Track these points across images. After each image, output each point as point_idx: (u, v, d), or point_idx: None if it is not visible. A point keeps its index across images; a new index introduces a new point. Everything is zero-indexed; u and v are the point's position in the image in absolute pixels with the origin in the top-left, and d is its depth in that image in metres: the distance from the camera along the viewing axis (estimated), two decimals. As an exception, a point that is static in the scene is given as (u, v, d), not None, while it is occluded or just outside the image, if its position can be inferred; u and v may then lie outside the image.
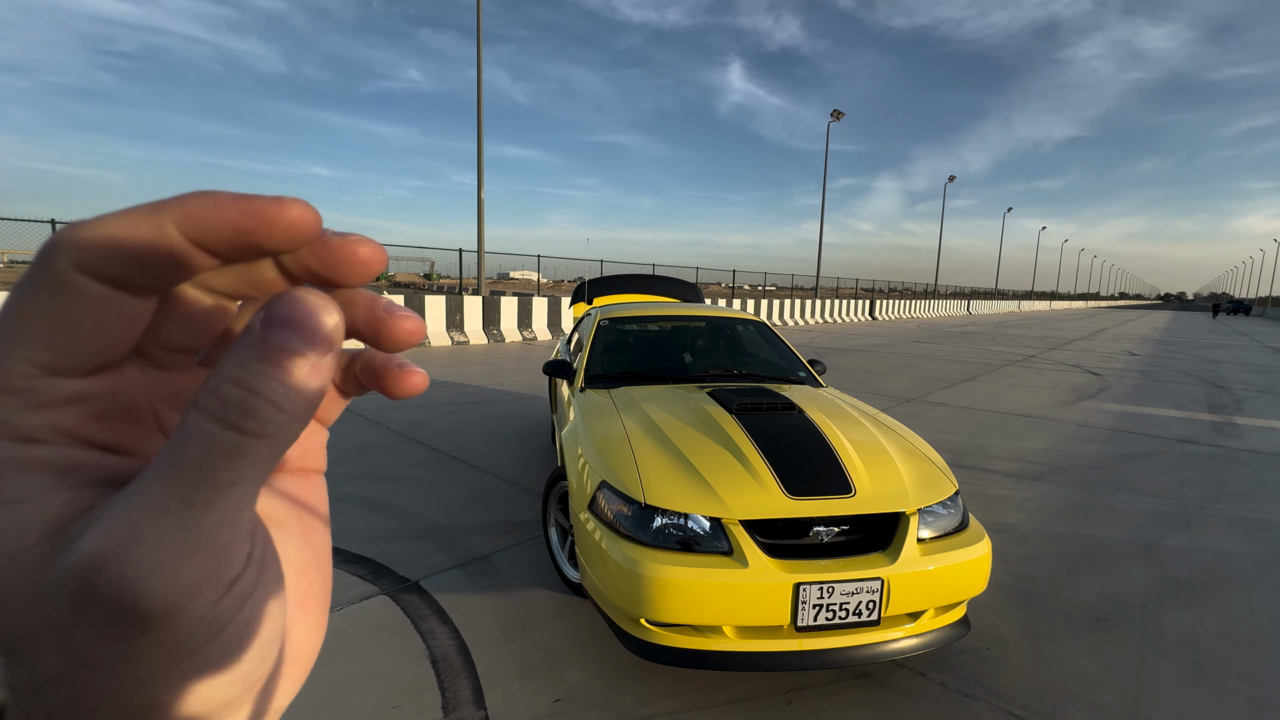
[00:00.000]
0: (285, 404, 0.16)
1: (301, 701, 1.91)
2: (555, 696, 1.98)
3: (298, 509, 0.22)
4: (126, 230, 0.15)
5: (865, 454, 2.23)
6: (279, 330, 0.16)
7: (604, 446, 2.31)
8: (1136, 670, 2.23)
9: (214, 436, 0.15)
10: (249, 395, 0.15)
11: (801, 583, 1.82)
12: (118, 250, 0.15)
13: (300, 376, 0.16)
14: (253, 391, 0.15)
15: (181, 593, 0.15)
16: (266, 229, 0.16)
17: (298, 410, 0.16)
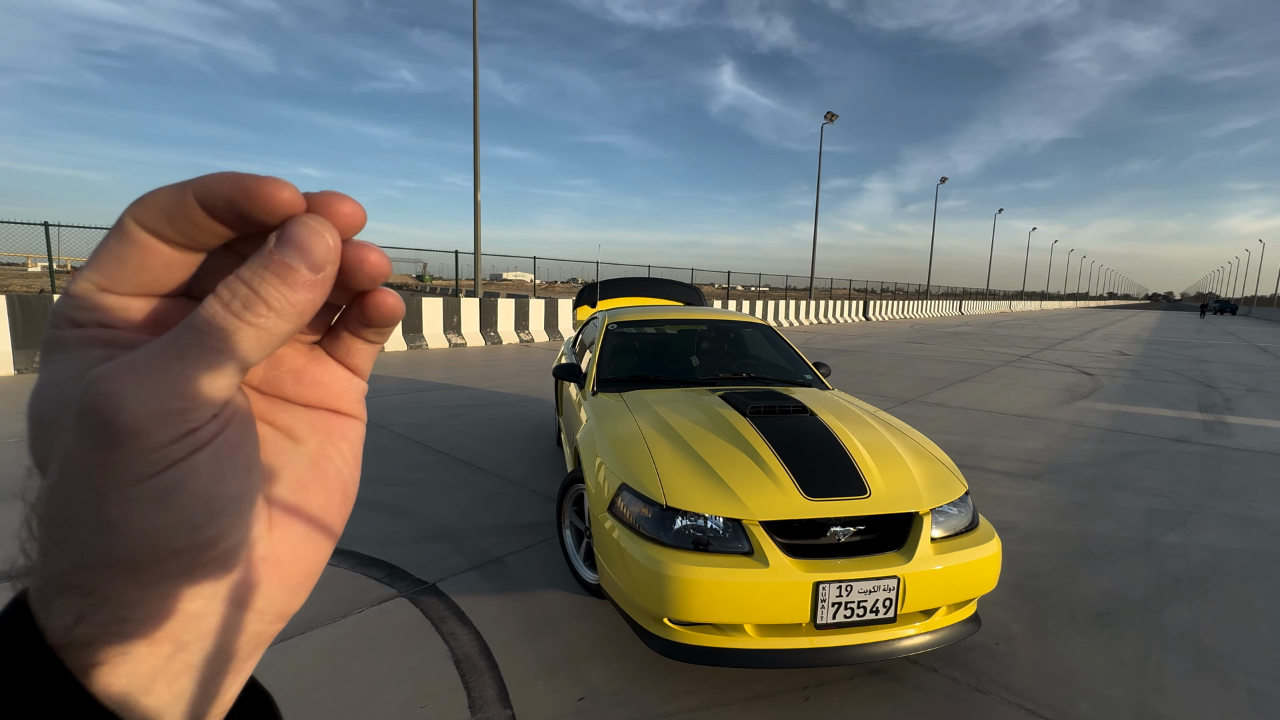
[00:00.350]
0: (276, 304, 0.20)
1: (330, 701, 1.95)
2: (579, 695, 2.02)
3: (318, 434, 0.26)
4: (164, 195, 0.20)
5: (877, 455, 2.29)
6: (283, 247, 0.20)
7: (622, 450, 2.36)
8: (1140, 664, 2.30)
9: (216, 314, 0.19)
10: (251, 293, 0.20)
11: (821, 581, 1.87)
12: (156, 209, 0.20)
13: (292, 286, 0.20)
14: (254, 290, 0.20)
15: (147, 419, 0.18)
16: (248, 200, 0.20)
17: (286, 312, 0.20)
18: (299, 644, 2.23)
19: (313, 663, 2.14)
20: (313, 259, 0.20)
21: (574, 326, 15.63)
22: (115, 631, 0.19)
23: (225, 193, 0.20)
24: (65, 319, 0.21)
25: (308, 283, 0.20)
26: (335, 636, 2.29)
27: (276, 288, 0.20)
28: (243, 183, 0.20)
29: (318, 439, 0.26)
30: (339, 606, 2.49)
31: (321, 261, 0.21)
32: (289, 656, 2.15)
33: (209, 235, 0.21)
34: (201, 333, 0.19)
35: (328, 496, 0.25)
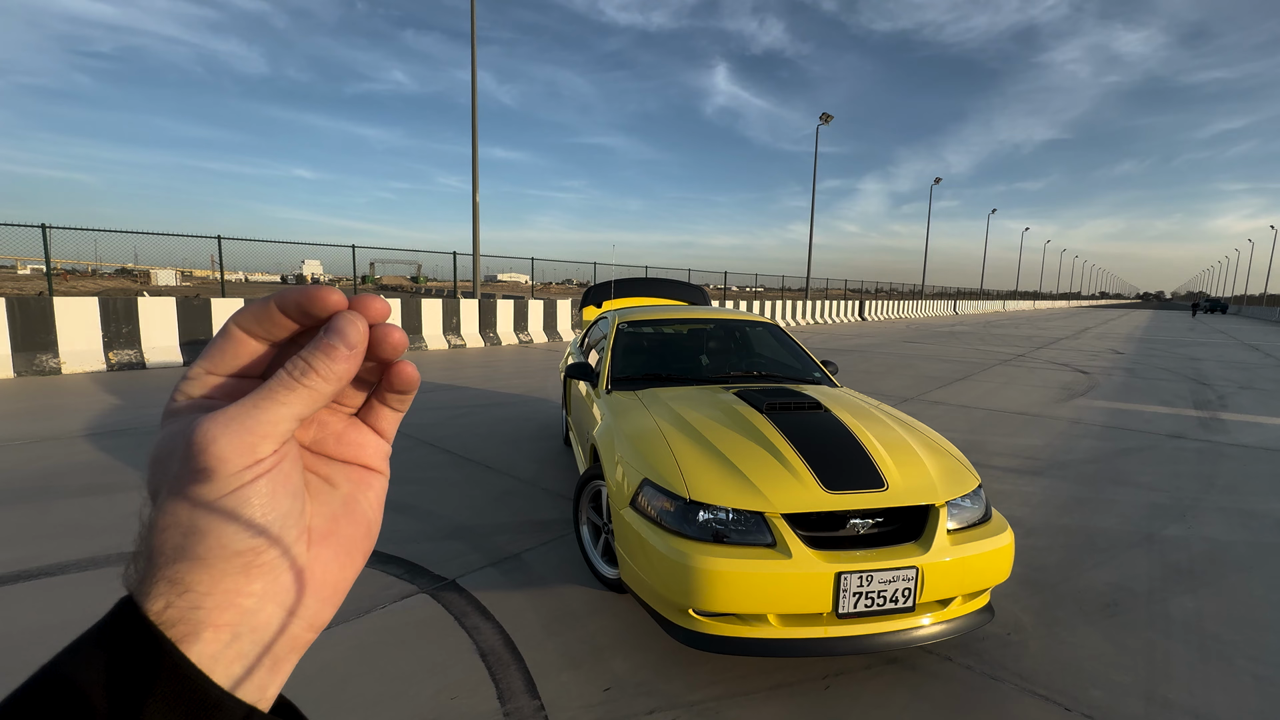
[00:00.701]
0: (323, 372, 0.27)
1: (363, 693, 1.98)
2: (605, 685, 2.07)
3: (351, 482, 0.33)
4: (257, 305, 0.29)
5: (892, 450, 2.35)
6: (330, 334, 0.28)
7: (642, 446, 2.41)
8: (1148, 652, 2.36)
9: (283, 379, 0.27)
10: (306, 365, 0.27)
11: (842, 572, 1.92)
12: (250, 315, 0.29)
13: (334, 359, 0.28)
14: (309, 364, 0.27)
15: (231, 449, 0.25)
16: (310, 304, 0.29)
17: (329, 376, 0.28)
18: (327, 638, 2.26)
19: (342, 657, 2.17)
20: (349, 339, 0.28)
21: (575, 327, 15.57)
22: (191, 615, 0.25)
23: (296, 299, 0.29)
24: (182, 392, 0.29)
25: (345, 356, 0.28)
26: (361, 631, 2.33)
27: (324, 360, 0.27)
28: (309, 294, 0.29)
29: (350, 486, 0.33)
30: (362, 603, 2.52)
31: (355, 341, 0.28)
32: (319, 652, 2.18)
33: (281, 330, 0.29)
34: (272, 391, 0.27)
35: (354, 530, 0.32)
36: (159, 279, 48.52)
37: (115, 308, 8.39)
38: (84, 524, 3.24)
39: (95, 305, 8.22)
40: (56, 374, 7.71)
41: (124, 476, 4.00)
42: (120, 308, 8.43)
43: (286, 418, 0.27)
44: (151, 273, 49.01)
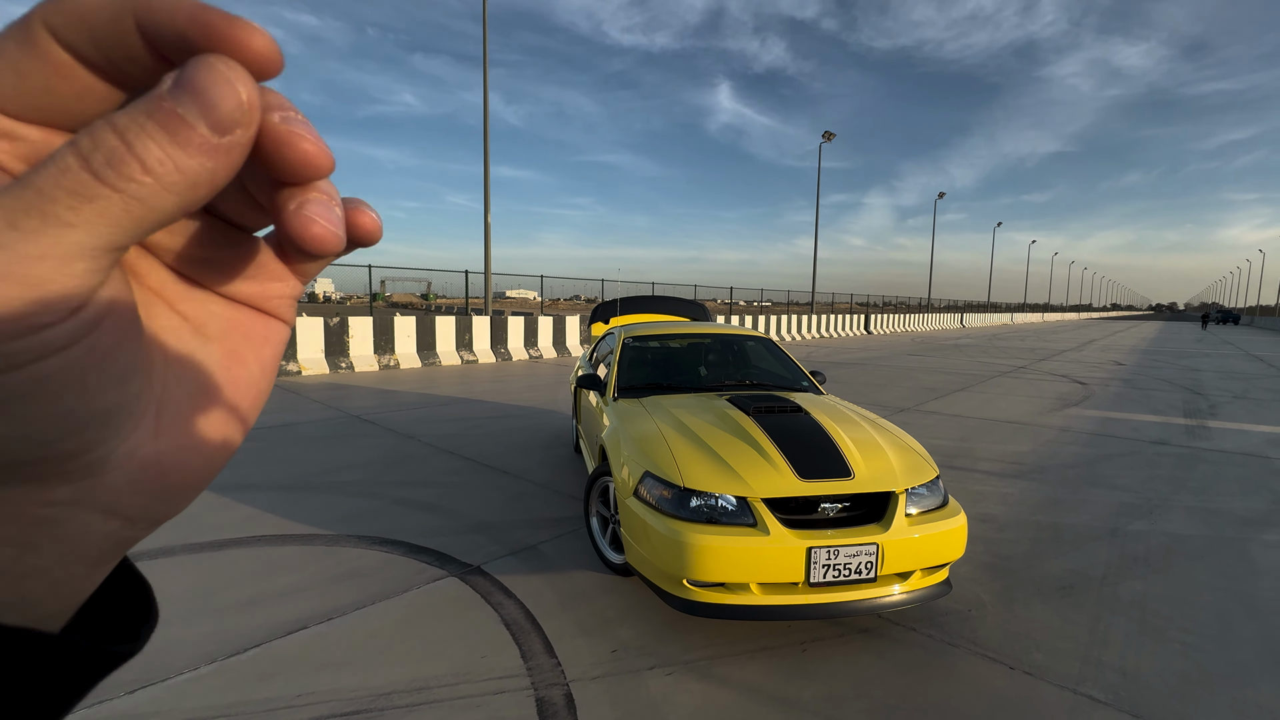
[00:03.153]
0: (157, 169, 0.15)
1: (407, 653, 2.34)
2: (612, 648, 2.41)
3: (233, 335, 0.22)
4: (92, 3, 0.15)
5: (861, 446, 2.70)
6: (180, 90, 0.15)
7: (644, 444, 2.77)
8: (1092, 625, 2.67)
9: (68, 170, 0.15)
10: (122, 146, 0.15)
11: (813, 546, 2.27)
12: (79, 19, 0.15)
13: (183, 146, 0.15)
14: (127, 143, 0.15)
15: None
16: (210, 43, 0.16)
17: (170, 180, 0.15)
18: (372, 611, 2.62)
19: (386, 626, 2.53)
20: (216, 111, 0.15)
21: (584, 342, 15.94)
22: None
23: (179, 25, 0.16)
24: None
25: (205, 145, 0.15)
26: (400, 607, 2.69)
27: (161, 144, 0.15)
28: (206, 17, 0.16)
29: (234, 339, 0.22)
30: (399, 584, 2.88)
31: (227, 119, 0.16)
32: (367, 621, 2.55)
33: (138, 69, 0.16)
34: (44, 195, 0.14)
35: (233, 404, 0.22)
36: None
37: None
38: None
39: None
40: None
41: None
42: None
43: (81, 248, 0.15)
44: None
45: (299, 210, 0.19)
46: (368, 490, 4.27)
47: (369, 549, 3.28)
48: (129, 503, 0.20)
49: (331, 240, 0.19)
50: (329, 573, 2.98)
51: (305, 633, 2.46)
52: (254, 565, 3.04)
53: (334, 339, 10.70)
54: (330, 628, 2.49)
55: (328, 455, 5.18)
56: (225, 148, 0.16)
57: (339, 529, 3.54)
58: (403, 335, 11.67)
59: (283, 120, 0.18)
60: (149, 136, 0.15)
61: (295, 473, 4.63)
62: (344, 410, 7.15)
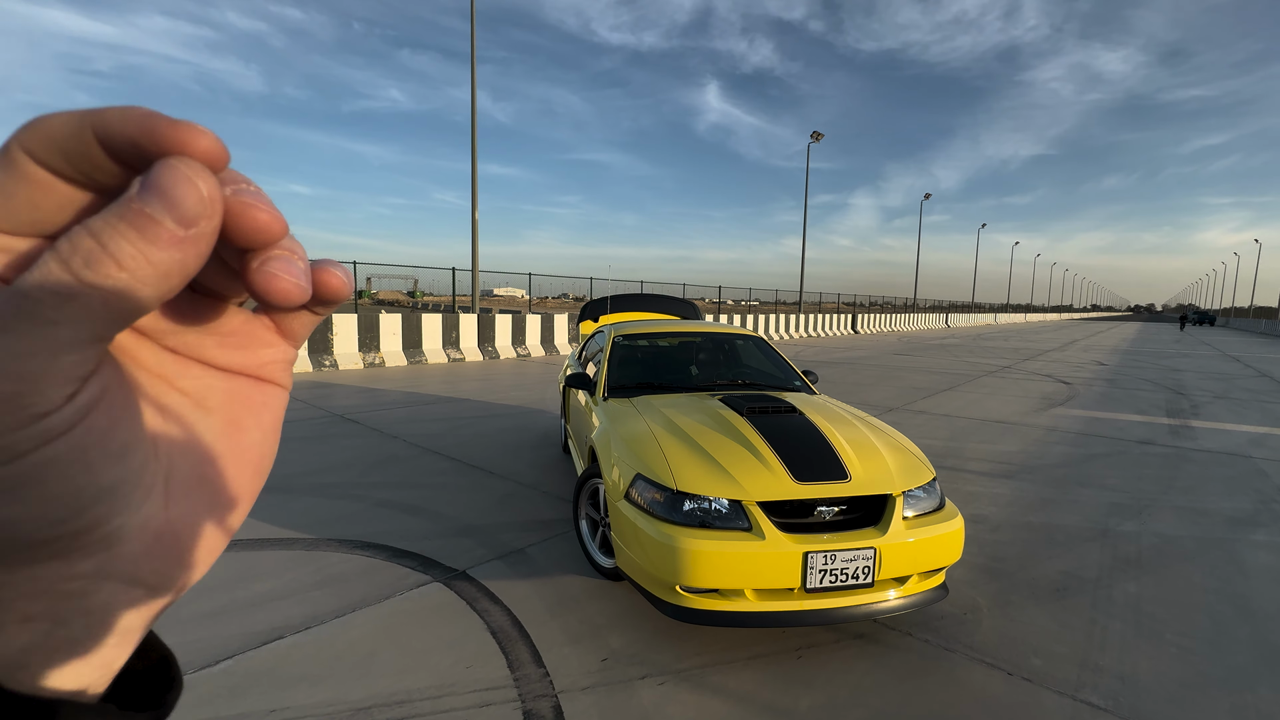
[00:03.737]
0: (130, 264, 0.16)
1: (388, 664, 2.24)
2: (602, 657, 2.33)
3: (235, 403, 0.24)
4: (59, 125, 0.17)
5: (857, 448, 2.64)
6: (146, 193, 0.17)
7: (635, 445, 2.69)
8: (1088, 628, 2.64)
9: (50, 274, 0.16)
10: (97, 247, 0.16)
11: (809, 551, 2.20)
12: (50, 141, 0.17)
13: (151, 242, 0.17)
14: (102, 244, 0.16)
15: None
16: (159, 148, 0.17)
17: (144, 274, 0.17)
18: (352, 620, 2.52)
19: (367, 635, 2.43)
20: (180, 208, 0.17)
21: (571, 341, 15.82)
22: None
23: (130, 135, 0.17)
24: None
25: (171, 238, 0.17)
26: (382, 614, 2.59)
27: (134, 243, 0.17)
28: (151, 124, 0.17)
29: (234, 408, 0.24)
30: (381, 590, 2.78)
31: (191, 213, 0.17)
32: (346, 631, 2.45)
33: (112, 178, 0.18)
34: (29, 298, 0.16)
35: (238, 470, 0.24)
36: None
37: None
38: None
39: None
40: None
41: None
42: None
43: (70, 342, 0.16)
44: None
45: (262, 267, 0.20)
46: (350, 492, 4.15)
47: (351, 553, 3.17)
48: (149, 571, 0.21)
49: (295, 292, 0.21)
50: (308, 579, 2.87)
51: (281, 643, 2.35)
52: (229, 571, 2.92)
53: (317, 336, 10.50)
54: (307, 637, 2.39)
55: (309, 456, 5.05)
56: (192, 238, 0.18)
57: (319, 533, 3.43)
58: (388, 333, 11.48)
59: (236, 194, 0.19)
60: (121, 236, 0.17)
61: (275, 474, 4.49)
62: (327, 409, 6.99)
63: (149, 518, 0.21)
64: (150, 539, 0.21)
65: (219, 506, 0.23)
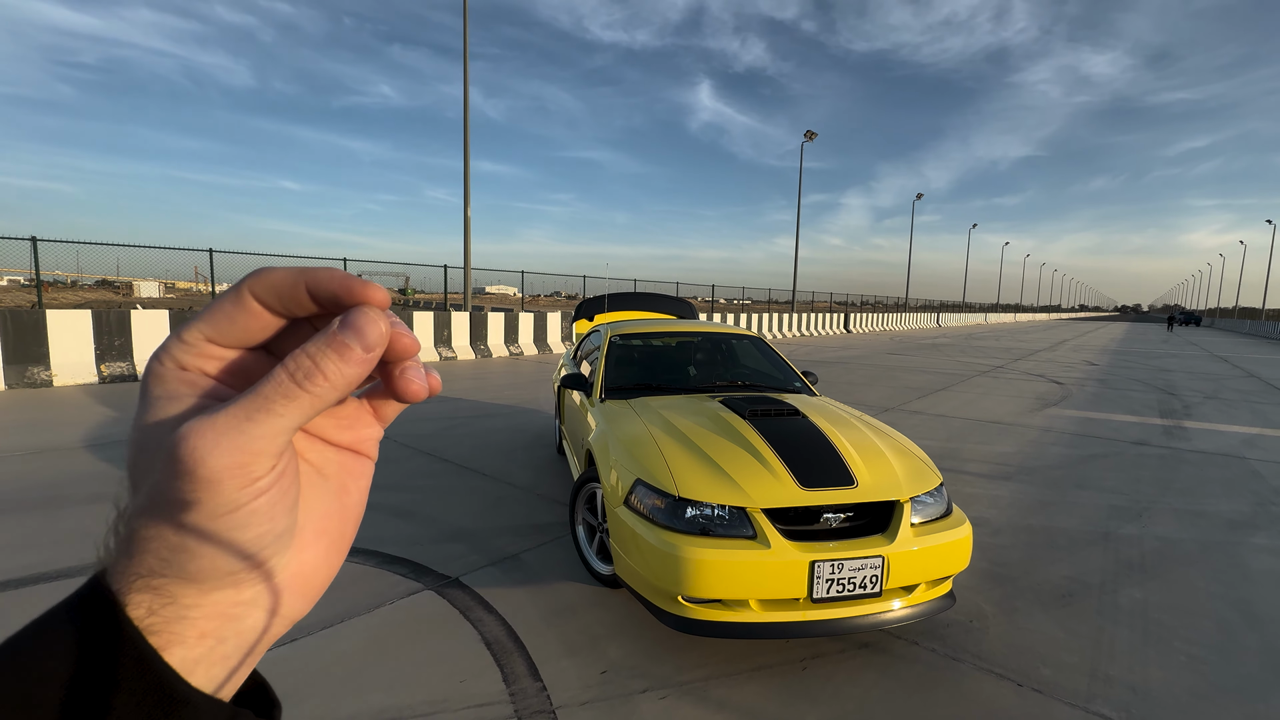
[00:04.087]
0: (331, 376, 0.24)
1: (378, 679, 2.15)
2: (601, 669, 2.25)
3: (342, 473, 0.30)
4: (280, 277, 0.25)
5: (862, 452, 2.57)
6: (345, 329, 0.25)
7: (635, 449, 2.61)
8: (1095, 636, 2.59)
9: (282, 383, 0.24)
10: (312, 365, 0.24)
11: (816, 560, 2.13)
12: (271, 287, 0.25)
13: (347, 361, 0.24)
14: (316, 363, 0.24)
15: (224, 471, 0.23)
16: (350, 298, 0.26)
17: (337, 382, 0.24)
18: (339, 632, 2.42)
19: (356, 648, 2.33)
20: (367, 340, 0.25)
21: (565, 339, 15.65)
22: (176, 625, 0.24)
23: (332, 288, 0.25)
24: (172, 358, 0.25)
25: (359, 360, 0.25)
26: (372, 625, 2.49)
27: (335, 362, 0.24)
28: (349, 284, 0.25)
29: (342, 476, 0.30)
30: (371, 599, 2.68)
31: (373, 343, 0.25)
32: (333, 643, 2.35)
33: (301, 310, 0.26)
34: (268, 399, 0.23)
35: (343, 524, 0.30)
36: (141, 291, 47.98)
37: (108, 320, 8.46)
38: (95, 531, 3.36)
39: (88, 318, 8.28)
40: (48, 386, 7.76)
41: (129, 485, 4.12)
42: (113, 320, 8.50)
43: (284, 430, 0.24)
44: (134, 284, 48.49)
45: (402, 375, 0.28)
46: (338, 495, 4.04)
47: (338, 560, 3.07)
48: (283, 603, 0.27)
49: (423, 392, 0.29)
50: (294, 587, 2.77)
51: (264, 656, 2.25)
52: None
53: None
54: (291, 651, 2.29)
55: (296, 457, 4.92)
56: (370, 359, 0.25)
57: (306, 538, 3.32)
58: (378, 331, 11.31)
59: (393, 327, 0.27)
60: (327, 358, 0.24)
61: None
62: (315, 409, 6.86)
63: (290, 560, 0.27)
64: (289, 577, 0.27)
65: (331, 554, 0.30)
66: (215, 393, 0.26)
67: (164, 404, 0.25)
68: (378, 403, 0.31)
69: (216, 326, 0.26)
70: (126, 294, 43.17)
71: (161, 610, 0.24)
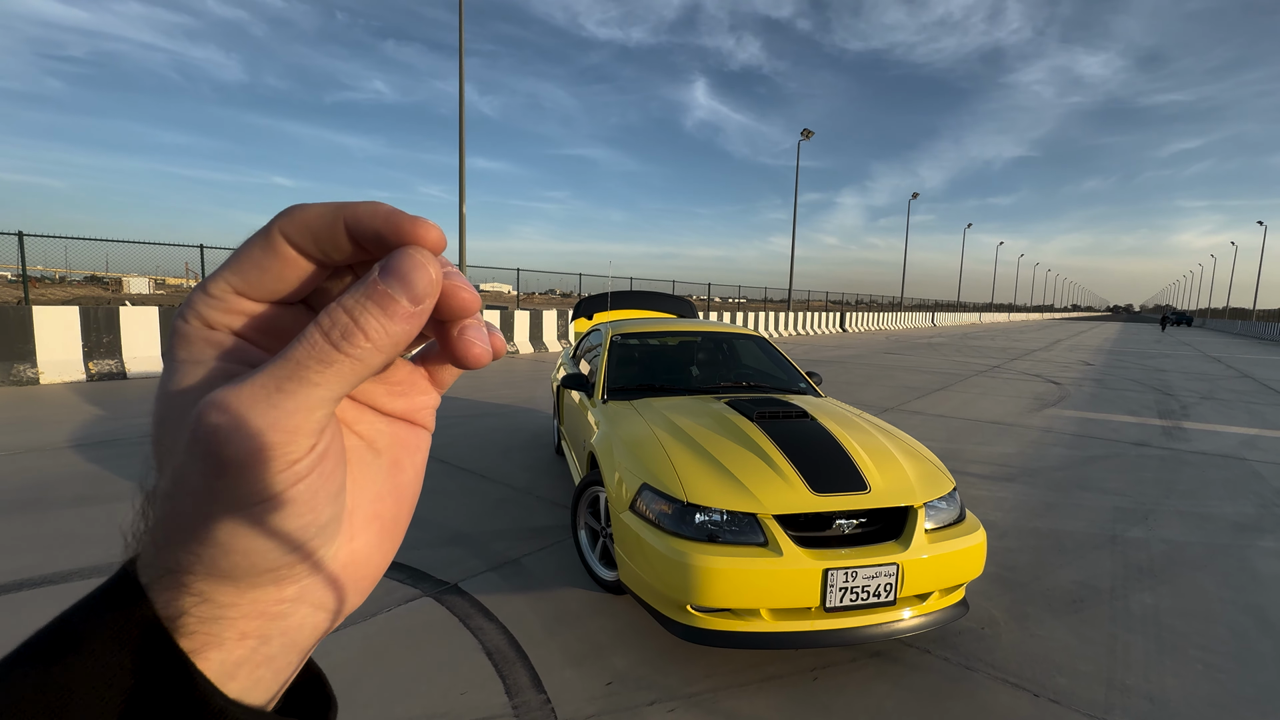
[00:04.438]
0: (374, 336, 0.20)
1: (376, 691, 2.07)
2: (607, 680, 2.18)
3: (395, 446, 0.26)
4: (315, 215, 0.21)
5: (874, 455, 2.51)
6: (388, 276, 0.20)
7: (640, 453, 2.54)
8: (1109, 643, 2.54)
9: (316, 344, 0.20)
10: (350, 322, 0.20)
11: (830, 568, 2.07)
12: (305, 227, 0.21)
13: (391, 317, 0.20)
14: (355, 320, 0.20)
15: (252, 454, 0.19)
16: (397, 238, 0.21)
17: (382, 343, 0.20)
18: (336, 639, 2.34)
19: (354, 657, 2.26)
20: (414, 289, 0.20)
21: (560, 338, 15.54)
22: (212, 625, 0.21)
23: (376, 227, 0.21)
24: (198, 315, 0.22)
25: (405, 314, 0.20)
26: (370, 633, 2.41)
27: (377, 318, 0.20)
28: (395, 220, 0.21)
29: (396, 450, 0.27)
30: (368, 606, 2.60)
31: (422, 293, 0.21)
32: (330, 652, 2.27)
33: (343, 256, 0.22)
34: (301, 365, 0.19)
35: (398, 506, 0.27)
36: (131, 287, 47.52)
37: (96, 317, 8.31)
38: (82, 533, 3.27)
39: (76, 314, 8.13)
40: (34, 384, 7.61)
41: (116, 487, 4.01)
42: (101, 317, 8.35)
43: (322, 401, 0.20)
44: (123, 280, 47.99)
45: (461, 336, 0.24)
46: (333, 497, 3.95)
47: (333, 565, 2.98)
48: (332, 597, 0.24)
49: (485, 356, 0.24)
50: (288, 594, 2.68)
51: (258, 668, 2.17)
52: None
53: (299, 332, 10.21)
54: (287, 661, 2.21)
55: (290, 458, 4.82)
56: (420, 313, 0.21)
57: (300, 542, 3.23)
58: (373, 329, 11.19)
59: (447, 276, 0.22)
60: (368, 312, 0.20)
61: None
62: (309, 408, 6.75)
63: (339, 549, 0.24)
64: (338, 568, 0.24)
65: (385, 539, 0.26)
66: (248, 357, 0.23)
67: (188, 370, 0.22)
68: (434, 367, 0.27)
69: (245, 276, 0.22)
70: (116, 290, 42.71)
71: (195, 609, 0.21)
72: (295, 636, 0.23)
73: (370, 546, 0.25)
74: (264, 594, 0.22)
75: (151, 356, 8.73)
